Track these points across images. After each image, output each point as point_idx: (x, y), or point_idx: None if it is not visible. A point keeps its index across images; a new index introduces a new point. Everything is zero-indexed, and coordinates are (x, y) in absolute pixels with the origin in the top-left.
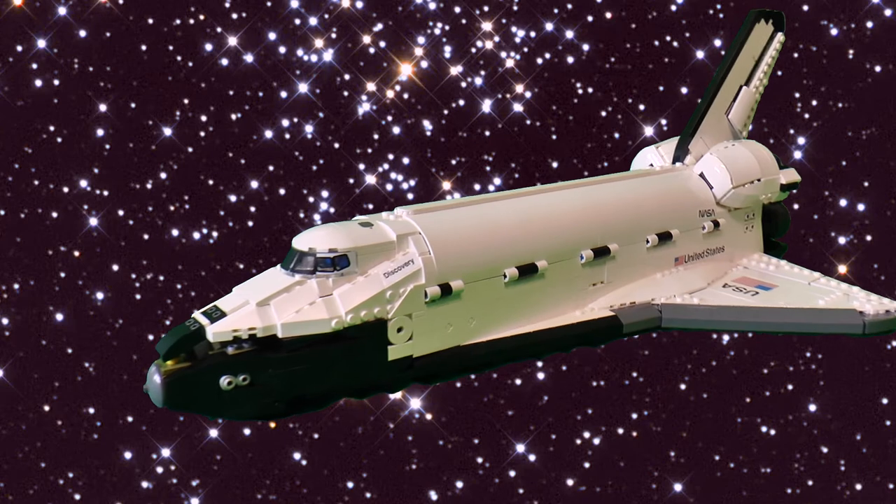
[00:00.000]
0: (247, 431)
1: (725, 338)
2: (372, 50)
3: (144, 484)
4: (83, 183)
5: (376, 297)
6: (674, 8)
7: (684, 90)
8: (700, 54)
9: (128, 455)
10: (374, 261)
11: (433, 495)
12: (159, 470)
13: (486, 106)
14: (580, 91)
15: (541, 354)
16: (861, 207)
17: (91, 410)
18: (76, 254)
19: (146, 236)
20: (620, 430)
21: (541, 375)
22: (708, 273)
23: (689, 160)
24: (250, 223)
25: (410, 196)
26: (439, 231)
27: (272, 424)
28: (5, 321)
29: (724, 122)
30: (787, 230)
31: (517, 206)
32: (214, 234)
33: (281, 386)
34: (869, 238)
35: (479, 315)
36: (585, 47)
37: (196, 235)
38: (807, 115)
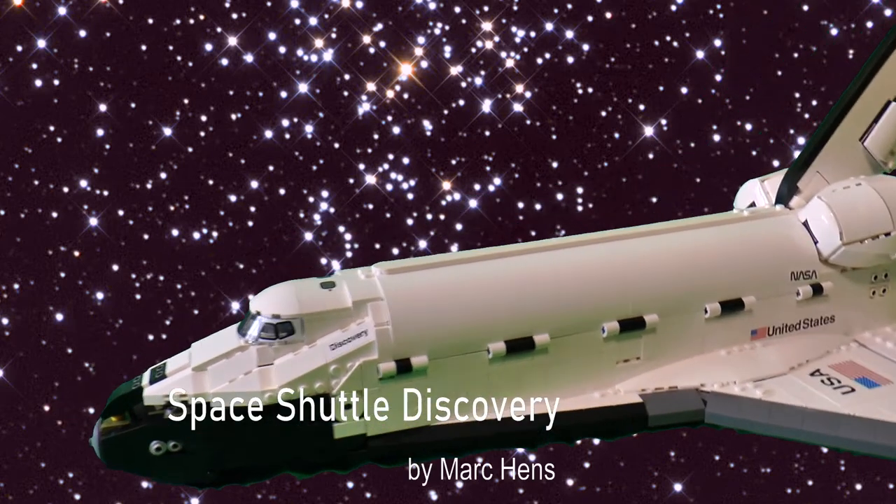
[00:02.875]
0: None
1: None
2: (372, 50)
3: (144, 484)
4: (83, 183)
5: (318, 371)
6: (674, 8)
7: (684, 90)
8: (700, 54)
9: None
10: (325, 329)
11: (433, 495)
12: None
13: (486, 106)
14: (580, 91)
15: (535, 445)
16: None
17: (91, 410)
18: (76, 254)
19: (146, 236)
20: None
21: None
22: (799, 352)
23: (797, 202)
24: (250, 223)
25: (410, 196)
26: (408, 297)
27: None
28: (5, 321)
29: (858, 150)
30: None
31: (523, 264)
32: (214, 234)
33: (206, 457)
34: None
35: (453, 393)
36: (585, 47)
37: (196, 235)
38: (807, 115)
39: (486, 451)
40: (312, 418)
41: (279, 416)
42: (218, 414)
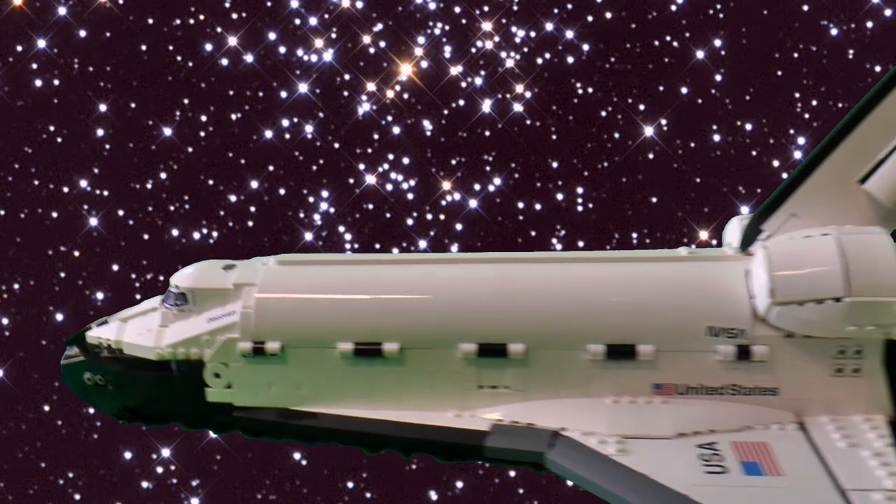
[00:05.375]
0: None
1: None
2: (372, 50)
3: (144, 484)
4: (83, 183)
5: (194, 339)
6: (674, 8)
7: (684, 90)
8: (700, 54)
9: (128, 455)
10: (212, 304)
11: (433, 495)
12: (159, 470)
13: (486, 106)
14: (580, 91)
15: (375, 449)
16: None
17: (91, 410)
18: (76, 254)
19: (146, 236)
20: None
21: None
22: (705, 419)
23: (759, 248)
24: (250, 223)
25: (410, 196)
26: (278, 287)
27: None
28: (5, 321)
29: (856, 193)
30: None
31: (403, 272)
32: (214, 234)
33: (118, 395)
34: None
35: (307, 383)
36: (585, 47)
37: (196, 235)
38: (807, 115)
39: (332, 443)
40: (192, 380)
41: (163, 371)
42: (124, 360)
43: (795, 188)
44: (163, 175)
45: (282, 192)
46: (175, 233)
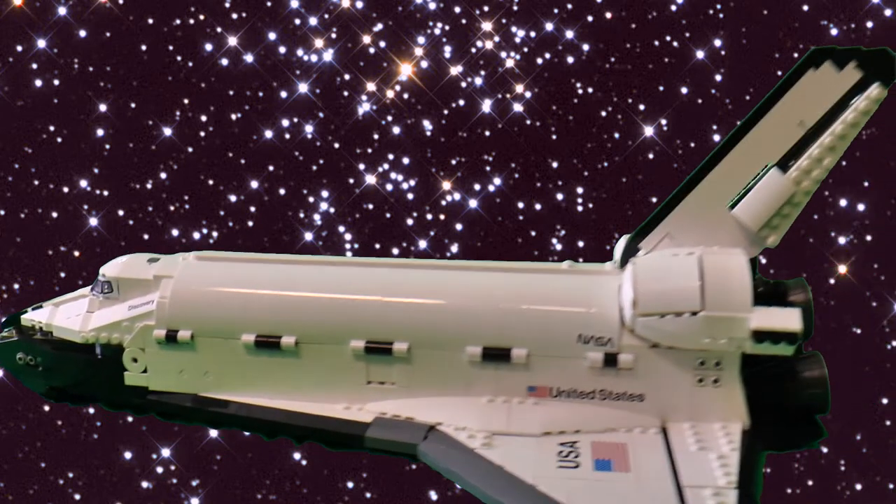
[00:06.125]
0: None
1: None
2: (372, 50)
3: (144, 484)
4: (83, 183)
5: (115, 324)
6: (674, 8)
7: (684, 90)
8: (700, 54)
9: (128, 455)
10: (134, 293)
11: (433, 495)
12: (159, 470)
13: (486, 106)
14: (580, 91)
15: (272, 435)
16: (861, 207)
17: (91, 410)
18: (76, 254)
19: (146, 236)
20: None
21: None
22: (572, 420)
23: (630, 263)
24: (250, 223)
25: (410, 196)
26: (193, 280)
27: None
28: None
29: (726, 218)
30: (824, 406)
31: (306, 272)
32: (214, 234)
33: (46, 374)
34: (869, 238)
35: (214, 371)
36: (585, 47)
37: (196, 235)
38: None
39: (234, 429)
40: (112, 363)
41: (87, 354)
42: (53, 342)
43: (671, 210)
44: (163, 175)
45: (282, 192)
46: (175, 233)
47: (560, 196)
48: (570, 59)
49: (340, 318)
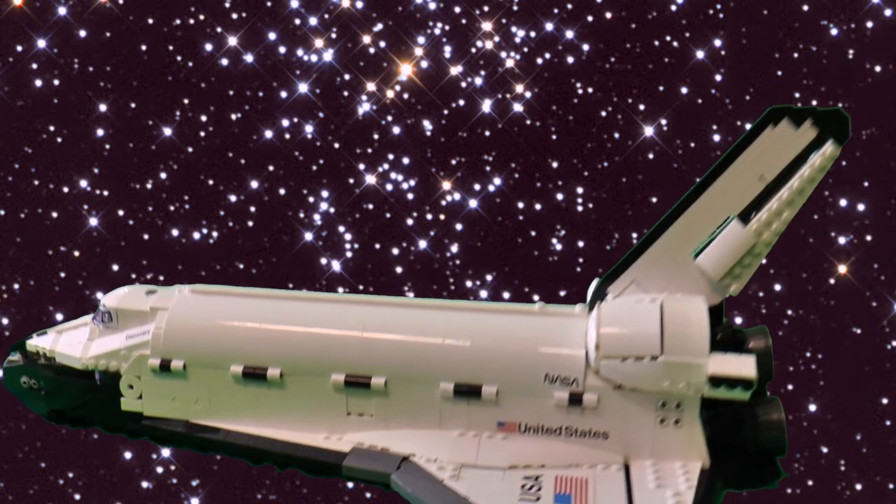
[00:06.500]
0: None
1: None
2: (372, 50)
3: (144, 484)
4: (83, 183)
5: (113, 353)
6: (674, 8)
7: (684, 90)
8: (700, 54)
9: (128, 455)
10: (133, 323)
11: None
12: (159, 470)
13: (486, 106)
14: (580, 91)
15: (257, 462)
16: (861, 207)
17: None
18: (76, 254)
19: (146, 236)
20: None
21: None
22: (538, 455)
23: (597, 307)
24: (250, 223)
25: (410, 196)
26: (186, 313)
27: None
28: (5, 321)
29: (690, 266)
30: (782, 448)
31: (291, 307)
32: (214, 234)
33: (48, 398)
34: (869, 238)
35: (204, 399)
36: (585, 47)
37: (196, 235)
38: None
39: (222, 454)
40: (110, 389)
41: (87, 380)
42: (55, 367)
43: (638, 257)
44: (163, 175)
45: (282, 192)
46: (175, 233)
47: (560, 196)
48: (570, 59)
49: (323, 353)
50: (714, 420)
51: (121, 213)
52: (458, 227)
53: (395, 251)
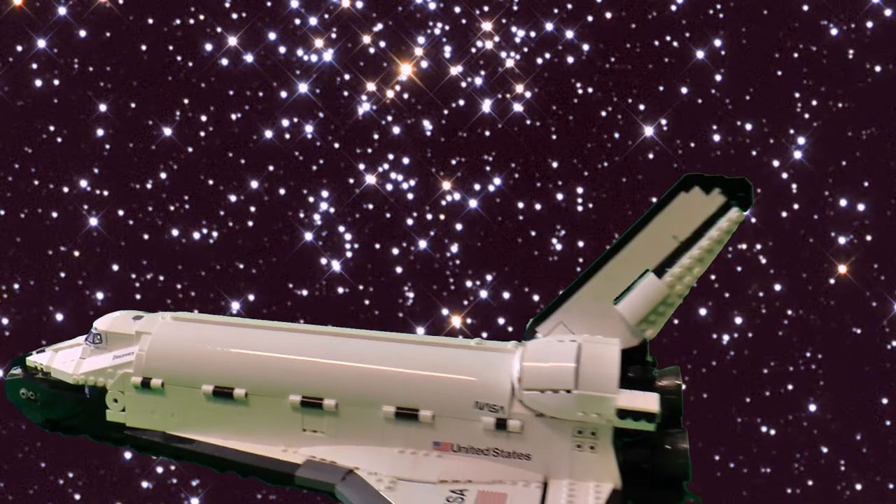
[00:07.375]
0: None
1: (725, 337)
2: (372, 50)
3: (144, 484)
4: (83, 183)
5: (101, 370)
6: (674, 8)
7: (684, 90)
8: (700, 54)
9: (128, 455)
10: (120, 344)
11: None
12: (159, 470)
13: (486, 106)
14: (580, 91)
15: (223, 470)
16: (861, 207)
17: None
18: (76, 254)
19: (146, 236)
20: None
21: None
22: (466, 472)
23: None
24: (250, 223)
25: (410, 196)
26: (166, 338)
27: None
28: (5, 321)
29: (611, 312)
30: (686, 474)
31: (260, 336)
32: (214, 234)
33: (43, 408)
34: (869, 238)
35: (179, 413)
36: (585, 47)
37: (196, 235)
38: (807, 115)
39: (193, 462)
40: (97, 402)
41: (78, 393)
42: (50, 381)
43: (565, 301)
44: (163, 175)
45: (282, 192)
46: (175, 233)
47: (560, 196)
48: (570, 59)
49: (283, 376)
50: (627, 447)
51: (121, 213)
52: (458, 227)
53: (395, 251)
